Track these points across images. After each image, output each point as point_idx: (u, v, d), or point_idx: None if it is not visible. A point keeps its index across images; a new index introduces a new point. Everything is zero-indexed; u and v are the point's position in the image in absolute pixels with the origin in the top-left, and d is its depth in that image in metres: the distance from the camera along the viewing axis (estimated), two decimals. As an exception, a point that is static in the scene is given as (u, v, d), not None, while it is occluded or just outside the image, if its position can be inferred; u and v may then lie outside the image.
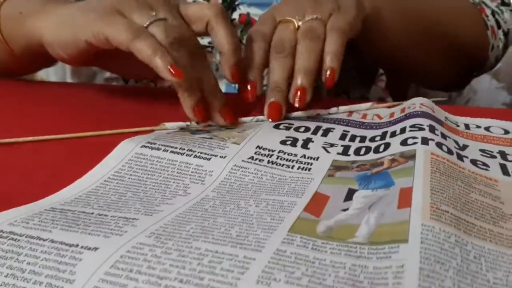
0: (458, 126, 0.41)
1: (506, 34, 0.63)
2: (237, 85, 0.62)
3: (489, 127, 0.41)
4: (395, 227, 0.24)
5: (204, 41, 0.61)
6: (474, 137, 0.39)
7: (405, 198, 0.26)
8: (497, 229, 0.25)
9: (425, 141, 0.34)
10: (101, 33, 0.39)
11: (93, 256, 0.22)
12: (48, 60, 0.49)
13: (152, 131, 0.40)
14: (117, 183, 0.32)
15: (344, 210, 0.27)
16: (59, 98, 0.52)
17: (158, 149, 0.35)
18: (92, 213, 0.27)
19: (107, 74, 0.70)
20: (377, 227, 0.24)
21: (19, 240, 0.24)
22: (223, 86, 0.63)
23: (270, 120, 0.42)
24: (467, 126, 0.41)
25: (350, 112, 0.44)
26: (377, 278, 0.20)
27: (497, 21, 0.62)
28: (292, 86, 0.41)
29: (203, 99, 0.40)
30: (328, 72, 0.41)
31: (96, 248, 0.23)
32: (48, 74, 0.82)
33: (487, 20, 0.61)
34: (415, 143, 0.34)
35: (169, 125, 0.41)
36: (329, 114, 0.44)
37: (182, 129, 0.41)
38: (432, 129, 0.36)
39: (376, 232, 0.24)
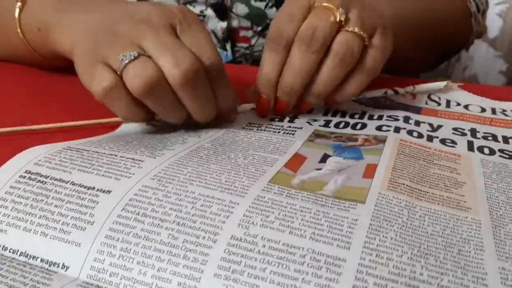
0: (439, 105, 0.45)
1: (482, 14, 0.64)
2: (228, 53, 0.63)
3: (468, 105, 0.45)
4: (356, 190, 0.29)
5: (196, 9, 0.61)
6: (451, 115, 0.43)
7: (369, 171, 0.31)
8: (447, 194, 0.30)
9: (397, 130, 0.38)
10: (84, 83, 0.35)
11: (107, 199, 0.27)
12: None
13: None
14: (125, 134, 0.37)
15: (318, 169, 0.32)
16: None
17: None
18: (104, 153, 0.32)
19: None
20: (342, 187, 0.29)
21: (45, 182, 0.29)
22: None
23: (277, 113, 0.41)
24: (448, 104, 0.45)
25: None
26: (335, 223, 0.25)
27: (477, 5, 0.62)
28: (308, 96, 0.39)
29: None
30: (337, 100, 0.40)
31: (109, 191, 0.28)
32: None
33: (470, 7, 0.61)
34: (388, 130, 0.38)
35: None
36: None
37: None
38: (406, 120, 0.41)
39: (340, 190, 0.29)
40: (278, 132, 0.38)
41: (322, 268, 0.23)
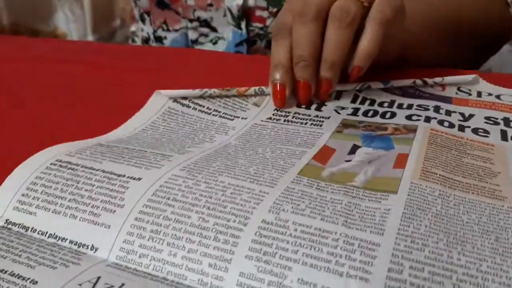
0: (470, 95, 0.44)
1: None
2: (243, 31, 0.64)
3: (500, 95, 0.45)
4: (388, 181, 0.28)
5: None
6: (483, 105, 0.42)
7: (400, 161, 0.31)
8: (482, 184, 0.29)
9: (427, 119, 0.38)
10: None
11: (138, 185, 0.27)
12: None
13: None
14: (153, 131, 0.37)
15: (347, 161, 0.31)
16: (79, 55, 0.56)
17: (188, 106, 0.40)
18: (134, 149, 0.32)
19: (128, 31, 0.73)
20: (373, 178, 0.29)
21: (76, 169, 0.29)
22: (229, 34, 0.65)
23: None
24: (479, 94, 0.45)
25: None
26: (367, 214, 0.25)
27: None
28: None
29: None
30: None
31: (139, 178, 0.28)
32: (70, 30, 0.84)
33: None
34: (418, 120, 0.38)
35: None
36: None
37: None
38: (436, 109, 0.40)
39: (371, 181, 0.28)
40: (305, 124, 0.38)
41: (356, 251, 0.22)
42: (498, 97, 0.44)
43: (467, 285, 0.21)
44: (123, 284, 0.22)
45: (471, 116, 0.40)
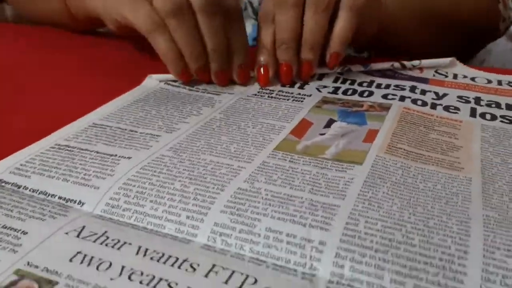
0: (446, 77, 0.47)
1: None
2: None
3: (475, 77, 0.47)
4: (356, 154, 0.31)
5: None
6: (457, 86, 0.45)
7: (370, 136, 0.33)
8: (443, 157, 0.32)
9: (402, 98, 0.41)
10: (126, 18, 0.43)
11: (128, 162, 0.30)
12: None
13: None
14: (144, 103, 0.40)
15: (321, 134, 0.34)
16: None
17: (178, 86, 0.44)
18: (126, 129, 0.35)
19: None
20: (343, 150, 0.32)
21: (72, 151, 0.32)
22: (249, 27, 0.66)
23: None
24: (455, 76, 0.48)
25: None
26: (332, 183, 0.27)
27: None
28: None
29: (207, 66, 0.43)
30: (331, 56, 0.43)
31: (130, 158, 0.31)
32: None
33: None
34: (393, 99, 0.41)
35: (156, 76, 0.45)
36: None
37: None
38: (412, 89, 0.43)
39: (341, 154, 0.31)
40: (288, 100, 0.41)
41: (318, 210, 0.25)
42: (473, 79, 0.47)
43: (414, 235, 0.23)
44: (106, 232, 0.24)
45: (445, 95, 0.42)
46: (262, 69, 0.44)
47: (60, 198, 0.27)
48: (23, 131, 0.37)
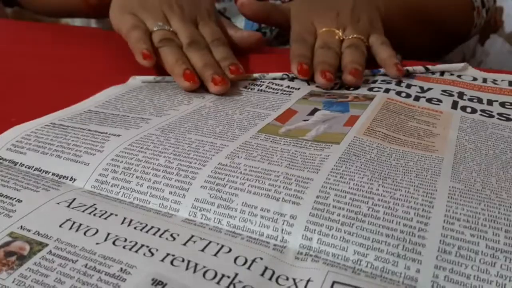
0: (433, 74, 0.49)
1: (487, 10, 0.69)
2: (254, 24, 0.69)
3: (461, 75, 0.49)
4: (335, 136, 0.33)
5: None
6: (442, 81, 0.46)
7: (351, 121, 0.35)
8: (419, 141, 0.33)
9: (386, 90, 0.42)
10: (114, 25, 0.51)
11: (117, 139, 0.32)
12: None
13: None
14: (138, 92, 0.42)
15: (305, 120, 0.36)
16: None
17: (167, 82, 0.46)
18: (118, 115, 0.37)
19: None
20: (323, 133, 0.33)
21: (66, 129, 0.34)
22: (242, 23, 0.69)
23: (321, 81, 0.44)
24: (442, 74, 0.49)
25: None
26: (309, 159, 0.29)
27: (482, 1, 0.67)
28: (345, 73, 0.45)
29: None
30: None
31: (119, 135, 0.32)
32: (73, 20, 0.91)
33: (474, 1, 0.67)
34: (378, 91, 0.42)
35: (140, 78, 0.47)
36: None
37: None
38: (398, 83, 0.45)
39: (321, 136, 0.33)
40: (276, 93, 0.42)
41: (292, 183, 0.26)
42: (459, 76, 0.48)
43: (380, 208, 0.25)
44: (94, 204, 0.26)
45: (429, 89, 0.44)
46: (303, 65, 0.45)
47: (53, 174, 0.29)
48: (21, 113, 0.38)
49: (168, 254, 0.22)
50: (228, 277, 0.21)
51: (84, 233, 0.23)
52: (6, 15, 0.86)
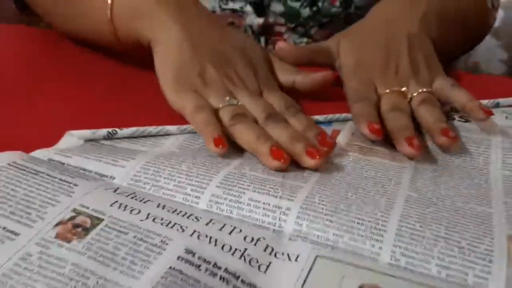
0: None
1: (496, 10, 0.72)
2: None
3: None
4: None
5: (235, 5, 0.68)
6: None
7: (332, 135, 0.43)
8: (390, 151, 0.41)
9: None
10: (172, 103, 0.45)
11: (145, 153, 0.39)
12: None
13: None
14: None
15: None
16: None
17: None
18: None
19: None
20: None
21: (102, 145, 0.41)
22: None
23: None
24: None
25: None
26: (299, 172, 0.37)
27: (492, 1, 0.68)
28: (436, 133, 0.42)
29: None
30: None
31: (146, 152, 0.40)
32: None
33: (488, 2, 0.67)
34: None
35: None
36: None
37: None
38: None
39: None
40: None
41: (287, 189, 0.34)
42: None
43: (353, 205, 0.33)
44: (134, 192, 0.34)
45: None
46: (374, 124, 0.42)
47: (96, 173, 0.36)
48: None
49: (195, 231, 0.30)
50: (240, 250, 0.29)
51: (130, 212, 0.31)
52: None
